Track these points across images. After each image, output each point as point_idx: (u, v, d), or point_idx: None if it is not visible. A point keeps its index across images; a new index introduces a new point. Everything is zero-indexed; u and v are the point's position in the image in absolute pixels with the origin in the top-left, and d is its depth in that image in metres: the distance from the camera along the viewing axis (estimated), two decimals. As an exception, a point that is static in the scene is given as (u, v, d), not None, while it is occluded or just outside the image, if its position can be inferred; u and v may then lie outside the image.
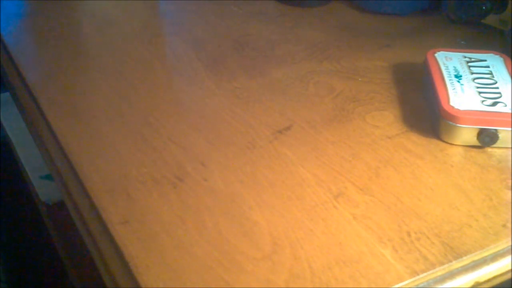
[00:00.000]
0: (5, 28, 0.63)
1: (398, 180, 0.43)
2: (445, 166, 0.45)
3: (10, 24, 0.65)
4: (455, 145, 0.47)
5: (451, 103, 0.47)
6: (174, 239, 0.37)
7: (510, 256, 0.38)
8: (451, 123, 0.46)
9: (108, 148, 0.45)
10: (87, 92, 0.53)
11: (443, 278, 0.36)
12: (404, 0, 0.70)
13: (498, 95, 0.48)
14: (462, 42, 0.64)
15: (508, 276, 0.38)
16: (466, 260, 0.36)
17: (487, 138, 0.46)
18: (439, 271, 0.36)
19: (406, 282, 0.35)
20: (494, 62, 0.54)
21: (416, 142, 0.47)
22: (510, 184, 0.43)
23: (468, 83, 0.50)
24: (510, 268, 0.38)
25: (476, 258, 0.37)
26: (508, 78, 0.51)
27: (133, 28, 0.65)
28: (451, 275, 0.36)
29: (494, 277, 0.37)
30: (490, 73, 0.52)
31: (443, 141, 0.47)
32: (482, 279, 0.37)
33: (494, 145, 0.46)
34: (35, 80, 0.54)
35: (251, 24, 0.66)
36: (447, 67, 0.53)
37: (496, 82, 0.50)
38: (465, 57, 0.54)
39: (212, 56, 0.59)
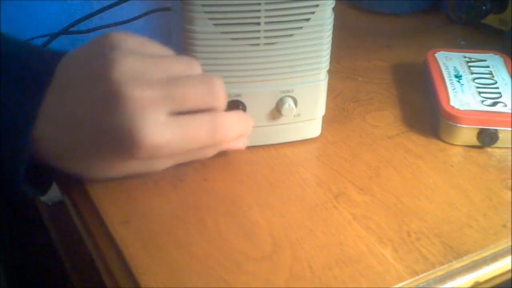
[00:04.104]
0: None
1: (398, 180, 0.43)
2: (445, 166, 0.45)
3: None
4: (455, 145, 0.47)
5: (451, 103, 0.47)
6: (174, 239, 0.37)
7: (510, 256, 0.38)
8: (451, 123, 0.46)
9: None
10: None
11: (443, 278, 0.36)
12: (404, 0, 0.70)
13: (498, 95, 0.48)
14: (462, 42, 0.64)
15: (508, 276, 0.38)
16: (466, 260, 0.36)
17: (487, 138, 0.46)
18: (439, 271, 0.36)
19: (406, 282, 0.35)
20: (494, 62, 0.54)
21: (416, 142, 0.47)
22: (510, 184, 0.43)
23: (468, 83, 0.50)
24: (510, 268, 0.38)
25: (476, 258, 0.37)
26: (508, 78, 0.51)
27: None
28: (451, 275, 0.36)
29: (494, 277, 0.37)
30: (490, 73, 0.52)
31: (443, 141, 0.47)
32: (482, 279, 0.37)
33: (494, 145, 0.46)
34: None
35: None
36: (447, 67, 0.53)
37: (496, 82, 0.50)
38: (465, 57, 0.54)
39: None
